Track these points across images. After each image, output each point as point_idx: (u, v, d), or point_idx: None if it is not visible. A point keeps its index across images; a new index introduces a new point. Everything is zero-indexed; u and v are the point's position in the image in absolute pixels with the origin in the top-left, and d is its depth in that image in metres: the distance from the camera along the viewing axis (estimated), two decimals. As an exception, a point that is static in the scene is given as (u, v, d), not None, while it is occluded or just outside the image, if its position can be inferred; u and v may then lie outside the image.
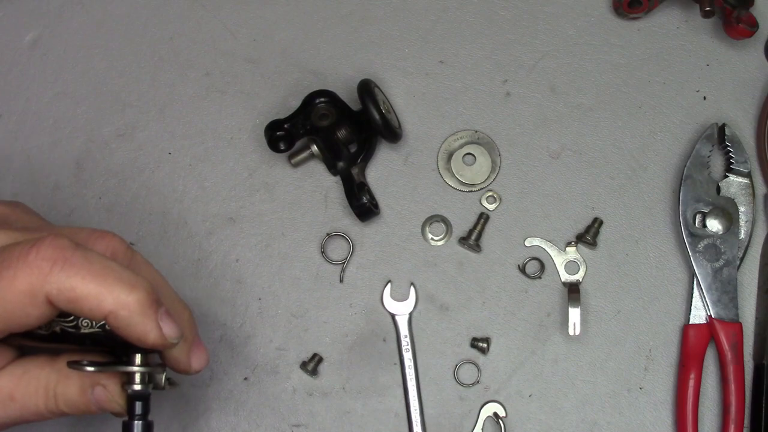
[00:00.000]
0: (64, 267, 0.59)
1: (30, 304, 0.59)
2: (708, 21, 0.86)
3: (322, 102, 0.82)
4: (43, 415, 0.65)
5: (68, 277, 0.59)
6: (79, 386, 0.65)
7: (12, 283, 0.59)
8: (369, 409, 0.81)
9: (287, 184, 0.85)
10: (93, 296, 0.59)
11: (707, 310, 0.81)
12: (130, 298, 0.60)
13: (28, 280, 0.59)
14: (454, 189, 0.85)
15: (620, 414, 0.81)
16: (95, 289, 0.59)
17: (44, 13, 0.88)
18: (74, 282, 0.59)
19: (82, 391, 0.65)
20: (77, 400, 0.65)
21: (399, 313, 0.82)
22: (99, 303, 0.59)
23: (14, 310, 0.59)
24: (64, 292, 0.59)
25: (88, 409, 0.65)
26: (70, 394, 0.65)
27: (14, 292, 0.59)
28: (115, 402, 0.65)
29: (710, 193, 0.82)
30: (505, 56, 0.87)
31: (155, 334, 0.61)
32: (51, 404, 0.65)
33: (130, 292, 0.60)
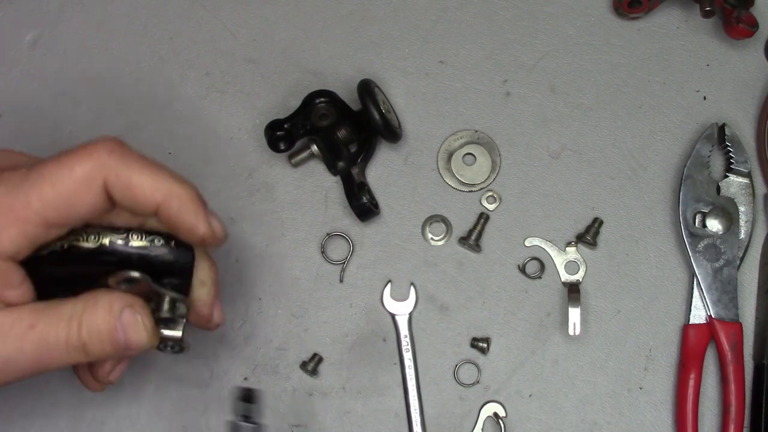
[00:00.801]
0: (122, 156, 0.62)
1: (87, 190, 0.62)
2: (708, 21, 0.86)
3: (322, 102, 0.82)
4: (61, 352, 0.63)
5: (125, 166, 0.62)
6: (107, 310, 0.63)
7: (72, 169, 0.61)
8: (369, 409, 0.81)
9: (287, 184, 0.85)
10: (147, 185, 0.63)
11: (707, 310, 0.81)
12: (182, 190, 0.64)
13: (87, 166, 0.62)
14: (454, 189, 0.85)
15: (620, 414, 0.81)
16: (149, 178, 0.63)
17: (44, 13, 0.88)
18: (131, 170, 0.62)
19: (110, 315, 0.63)
20: (102, 327, 0.63)
21: (399, 313, 0.82)
22: (153, 191, 0.63)
23: (71, 196, 0.61)
24: (121, 179, 0.62)
25: (113, 338, 0.64)
26: (96, 321, 0.63)
27: (73, 178, 0.61)
28: (141, 326, 0.64)
29: (710, 193, 0.82)
30: (505, 56, 0.87)
31: (205, 226, 0.64)
32: (73, 334, 0.63)
33: (181, 185, 0.64)
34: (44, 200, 0.61)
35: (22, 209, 0.61)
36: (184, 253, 0.67)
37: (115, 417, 0.81)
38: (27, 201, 0.61)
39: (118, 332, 0.63)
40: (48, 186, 0.61)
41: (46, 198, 0.61)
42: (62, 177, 0.62)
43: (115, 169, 0.62)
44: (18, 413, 0.81)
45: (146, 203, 0.63)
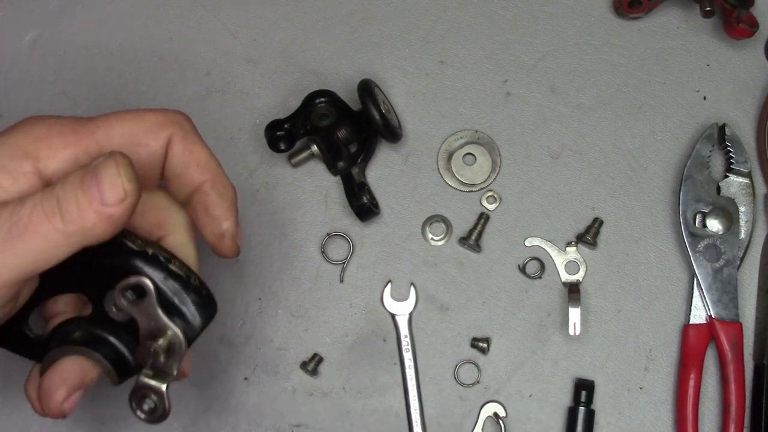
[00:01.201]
0: (191, 126, 0.65)
1: (153, 135, 0.63)
2: (708, 21, 0.86)
3: (322, 102, 0.82)
4: (39, 217, 0.57)
5: (192, 133, 0.64)
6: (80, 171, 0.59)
7: (144, 115, 0.63)
8: (369, 409, 0.81)
9: (287, 184, 0.85)
10: (203, 159, 0.65)
11: (707, 310, 0.81)
12: (227, 183, 0.66)
13: (160, 116, 0.63)
14: (454, 189, 0.85)
15: (620, 414, 0.81)
16: (208, 155, 0.65)
17: (44, 13, 0.88)
18: (195, 139, 0.64)
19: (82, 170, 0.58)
20: (74, 177, 0.58)
21: (399, 313, 0.82)
22: (205, 167, 0.65)
23: (137, 135, 0.62)
24: (185, 142, 0.64)
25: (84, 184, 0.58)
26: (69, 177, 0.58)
27: (144, 120, 0.63)
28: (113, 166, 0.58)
29: (710, 193, 0.82)
30: (505, 56, 0.87)
31: (231, 223, 0.66)
32: (47, 192, 0.57)
33: (228, 179, 0.66)
34: (109, 131, 0.61)
35: (85, 134, 0.60)
36: (209, 306, 0.65)
37: (115, 417, 0.81)
38: (93, 129, 0.61)
39: (90, 178, 0.57)
40: (118, 123, 0.61)
41: (111, 129, 0.61)
42: (133, 118, 0.62)
43: (182, 130, 0.63)
44: (19, 414, 0.81)
45: (194, 177, 0.64)
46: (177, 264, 0.64)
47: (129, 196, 0.58)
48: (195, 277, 0.64)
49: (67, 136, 0.60)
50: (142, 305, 0.62)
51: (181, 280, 0.63)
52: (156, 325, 0.62)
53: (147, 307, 0.62)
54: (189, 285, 0.63)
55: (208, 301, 0.64)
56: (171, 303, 0.63)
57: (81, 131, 0.61)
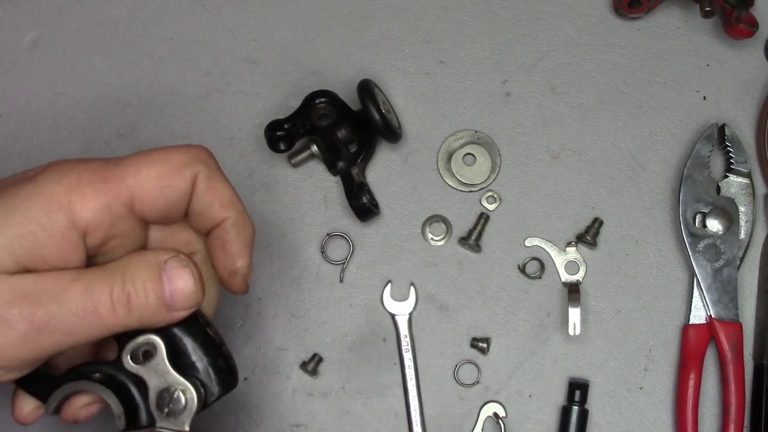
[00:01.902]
0: (214, 162, 0.65)
1: (180, 176, 0.63)
2: (708, 21, 0.86)
3: (322, 102, 0.82)
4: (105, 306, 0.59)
5: (216, 170, 0.65)
6: (152, 260, 0.61)
7: (170, 155, 0.63)
8: (369, 409, 0.82)
9: (287, 184, 0.85)
10: (227, 196, 0.65)
11: (707, 310, 0.81)
12: (248, 221, 0.66)
13: (185, 155, 0.63)
14: (454, 189, 0.85)
15: (620, 414, 0.81)
16: (231, 193, 0.65)
17: (44, 13, 0.88)
18: (219, 176, 0.65)
19: (154, 263, 0.61)
20: (146, 274, 0.61)
21: (399, 313, 0.82)
22: (228, 205, 0.65)
23: (165, 177, 0.62)
24: (210, 179, 0.64)
25: (157, 288, 0.61)
26: (140, 269, 0.61)
27: (171, 161, 0.62)
28: (188, 274, 0.61)
29: (710, 193, 0.82)
30: (505, 56, 0.87)
31: (246, 263, 0.66)
32: (117, 285, 0.60)
33: (249, 218, 0.66)
34: (138, 176, 0.61)
35: (115, 181, 0.61)
36: (232, 377, 0.65)
37: (115, 417, 0.81)
38: (122, 174, 0.61)
39: (163, 281, 0.60)
40: (146, 165, 0.62)
41: (141, 176, 0.61)
42: (159, 159, 0.62)
43: (207, 168, 0.64)
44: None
45: (216, 214, 0.64)
46: (213, 329, 0.65)
47: (199, 301, 0.62)
48: (227, 347, 0.65)
49: (97, 184, 0.60)
50: (153, 362, 0.62)
51: (214, 345, 0.64)
52: (167, 381, 0.62)
53: (158, 364, 0.62)
54: (220, 352, 0.64)
55: (232, 372, 0.65)
56: (195, 365, 0.63)
57: (111, 178, 0.61)
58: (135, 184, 0.61)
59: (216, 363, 0.64)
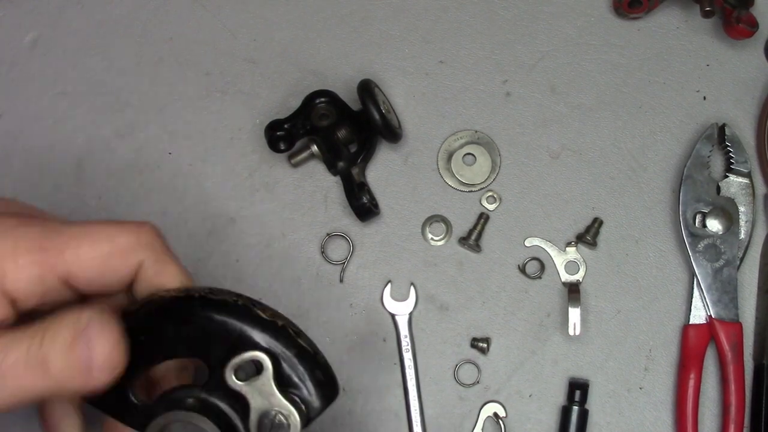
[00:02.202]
0: (162, 244, 0.61)
1: (124, 262, 0.60)
2: (708, 21, 0.86)
3: (322, 102, 0.82)
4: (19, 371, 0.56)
5: (164, 253, 0.61)
6: (73, 320, 0.57)
7: (115, 237, 0.59)
8: (369, 409, 0.81)
9: (287, 184, 0.85)
10: (177, 278, 0.62)
11: (707, 310, 0.81)
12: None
13: (132, 239, 0.60)
14: (454, 189, 0.85)
15: (620, 414, 0.81)
16: (179, 275, 0.62)
17: (44, 13, 0.88)
18: (167, 260, 0.61)
19: (75, 325, 0.57)
20: (65, 335, 0.57)
21: (399, 313, 0.82)
22: (179, 283, 0.62)
23: (108, 261, 0.59)
24: (157, 264, 0.61)
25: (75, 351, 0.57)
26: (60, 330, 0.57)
27: (116, 244, 0.59)
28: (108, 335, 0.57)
29: (710, 193, 0.82)
30: (505, 56, 0.87)
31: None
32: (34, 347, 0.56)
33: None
34: (79, 255, 0.58)
35: (53, 253, 0.58)
36: (332, 388, 0.61)
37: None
38: (62, 248, 0.58)
39: (82, 344, 0.56)
40: (88, 243, 0.59)
41: (81, 253, 0.58)
42: (103, 239, 0.59)
43: (154, 253, 0.60)
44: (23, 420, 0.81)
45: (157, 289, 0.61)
46: (305, 339, 0.60)
47: (119, 366, 0.57)
48: (322, 355, 0.61)
49: (34, 254, 0.57)
50: (258, 382, 0.59)
51: (308, 356, 0.60)
52: (271, 403, 0.59)
53: (263, 384, 0.59)
54: (317, 362, 0.60)
55: (332, 382, 0.61)
56: (292, 380, 0.59)
57: (49, 249, 0.58)
58: (73, 260, 0.58)
59: (314, 375, 0.60)
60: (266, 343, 0.59)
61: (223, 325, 0.59)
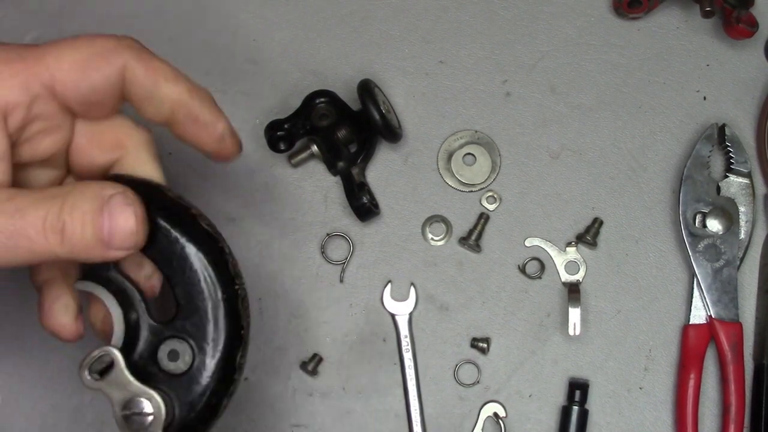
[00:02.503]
0: (143, 47, 0.62)
1: (107, 61, 0.60)
2: (708, 21, 0.86)
3: (322, 102, 0.82)
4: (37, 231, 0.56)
5: (148, 53, 0.62)
6: (96, 192, 0.57)
7: (94, 40, 0.60)
8: (369, 409, 0.82)
9: (287, 184, 0.85)
10: (171, 74, 0.62)
11: (707, 310, 0.81)
12: (202, 89, 0.64)
13: (111, 40, 0.60)
14: (454, 189, 0.85)
15: (620, 414, 0.81)
16: (172, 69, 0.62)
17: (44, 13, 0.88)
18: (153, 58, 0.62)
19: (98, 196, 0.57)
20: (86, 206, 0.57)
21: (399, 313, 0.82)
22: (175, 82, 0.62)
23: (90, 61, 0.59)
24: (143, 61, 0.61)
25: (95, 222, 0.57)
26: (81, 200, 0.57)
27: (95, 45, 0.59)
28: (131, 214, 0.57)
29: (710, 193, 0.82)
30: (505, 56, 0.87)
31: (225, 123, 0.64)
32: (54, 211, 0.56)
33: (199, 86, 0.64)
34: (59, 58, 0.58)
35: (33, 61, 0.58)
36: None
37: (115, 417, 0.81)
38: (42, 55, 0.58)
39: (104, 216, 0.56)
40: (68, 48, 0.58)
41: (61, 55, 0.58)
42: (83, 44, 0.59)
43: (138, 52, 0.60)
44: (19, 414, 0.81)
45: (168, 92, 0.61)
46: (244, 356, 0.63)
47: (137, 246, 0.58)
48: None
49: (14, 63, 0.57)
50: (111, 377, 0.59)
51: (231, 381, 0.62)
52: (131, 393, 0.59)
53: (117, 377, 0.59)
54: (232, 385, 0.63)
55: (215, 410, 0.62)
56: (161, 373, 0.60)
57: (29, 58, 0.57)
58: (55, 64, 0.58)
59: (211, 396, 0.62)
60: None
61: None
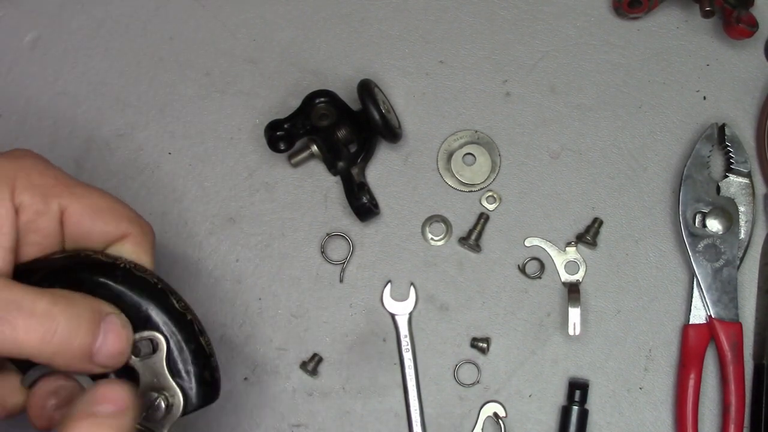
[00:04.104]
0: (152, 239, 0.69)
1: (114, 226, 0.66)
2: (708, 21, 0.86)
3: (322, 102, 0.82)
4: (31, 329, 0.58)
5: (149, 243, 0.68)
6: (93, 307, 0.61)
7: (123, 211, 0.67)
8: (369, 409, 0.82)
9: (287, 184, 0.85)
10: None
11: (707, 310, 0.81)
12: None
13: (135, 223, 0.67)
14: (454, 189, 0.85)
15: (620, 414, 0.81)
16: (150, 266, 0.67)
17: (44, 13, 0.88)
18: (149, 250, 0.67)
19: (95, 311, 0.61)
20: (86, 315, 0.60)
21: (399, 313, 0.82)
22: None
23: (103, 220, 0.66)
24: (139, 245, 0.67)
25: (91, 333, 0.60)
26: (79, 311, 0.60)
27: (121, 215, 0.67)
28: (125, 336, 0.61)
29: (710, 193, 0.82)
30: (505, 56, 0.87)
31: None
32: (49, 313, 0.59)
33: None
34: (82, 200, 0.65)
35: (62, 189, 0.64)
36: (214, 391, 0.66)
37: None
38: (73, 190, 0.65)
39: (99, 331, 0.60)
40: (98, 196, 0.67)
41: (84, 198, 0.65)
42: (108, 205, 0.67)
43: (144, 240, 0.68)
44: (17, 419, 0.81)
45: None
46: (206, 339, 0.65)
47: (117, 367, 0.62)
48: (215, 359, 0.65)
49: (48, 178, 0.64)
50: (150, 360, 0.63)
51: (203, 355, 0.64)
52: (159, 383, 0.63)
53: (155, 363, 0.63)
54: (208, 363, 0.65)
55: (215, 386, 0.66)
56: (180, 371, 0.64)
57: (60, 185, 0.64)
58: (76, 200, 0.65)
59: (202, 374, 0.64)
60: (168, 331, 0.63)
61: (137, 301, 0.63)
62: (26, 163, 0.63)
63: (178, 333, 0.63)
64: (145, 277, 0.64)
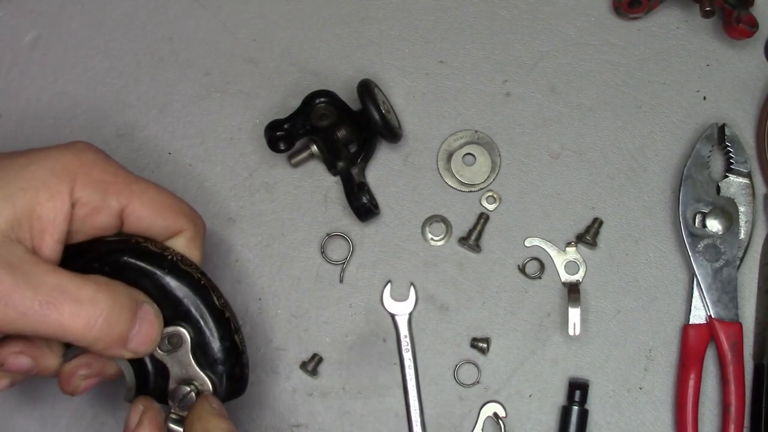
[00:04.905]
0: (203, 231, 0.74)
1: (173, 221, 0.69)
2: (708, 21, 0.86)
3: (322, 102, 0.82)
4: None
5: (201, 236, 0.72)
6: (130, 294, 0.65)
7: (181, 206, 0.71)
8: (369, 409, 0.82)
9: (287, 184, 0.85)
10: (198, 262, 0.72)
11: (707, 310, 0.81)
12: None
13: (191, 217, 0.72)
14: (454, 189, 0.85)
15: (620, 414, 0.81)
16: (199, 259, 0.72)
17: (44, 13, 0.88)
18: (200, 243, 0.72)
19: (132, 298, 0.65)
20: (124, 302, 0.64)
21: (399, 313, 0.82)
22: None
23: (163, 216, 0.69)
24: (193, 240, 0.71)
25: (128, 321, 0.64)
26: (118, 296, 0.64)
27: (179, 209, 0.70)
28: (156, 328, 0.65)
29: (710, 193, 0.82)
30: (505, 56, 0.87)
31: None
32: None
33: None
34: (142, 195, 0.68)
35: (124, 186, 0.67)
36: (241, 386, 0.69)
37: (116, 417, 0.81)
38: (130, 181, 0.68)
39: (137, 317, 0.64)
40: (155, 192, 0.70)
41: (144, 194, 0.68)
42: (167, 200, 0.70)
43: (197, 233, 0.72)
44: (18, 413, 0.81)
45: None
46: (240, 336, 0.68)
47: (145, 354, 0.66)
48: (247, 356, 0.69)
49: (108, 175, 0.66)
50: (177, 353, 0.66)
51: (237, 352, 0.68)
52: (187, 374, 0.66)
53: (182, 355, 0.66)
54: (240, 360, 0.68)
55: (243, 382, 0.69)
56: (213, 364, 0.67)
57: (122, 182, 0.67)
58: (136, 198, 0.67)
59: (233, 370, 0.68)
60: (206, 326, 0.66)
61: (179, 293, 0.66)
62: (88, 158, 0.65)
63: (216, 329, 0.67)
64: (189, 271, 0.67)
